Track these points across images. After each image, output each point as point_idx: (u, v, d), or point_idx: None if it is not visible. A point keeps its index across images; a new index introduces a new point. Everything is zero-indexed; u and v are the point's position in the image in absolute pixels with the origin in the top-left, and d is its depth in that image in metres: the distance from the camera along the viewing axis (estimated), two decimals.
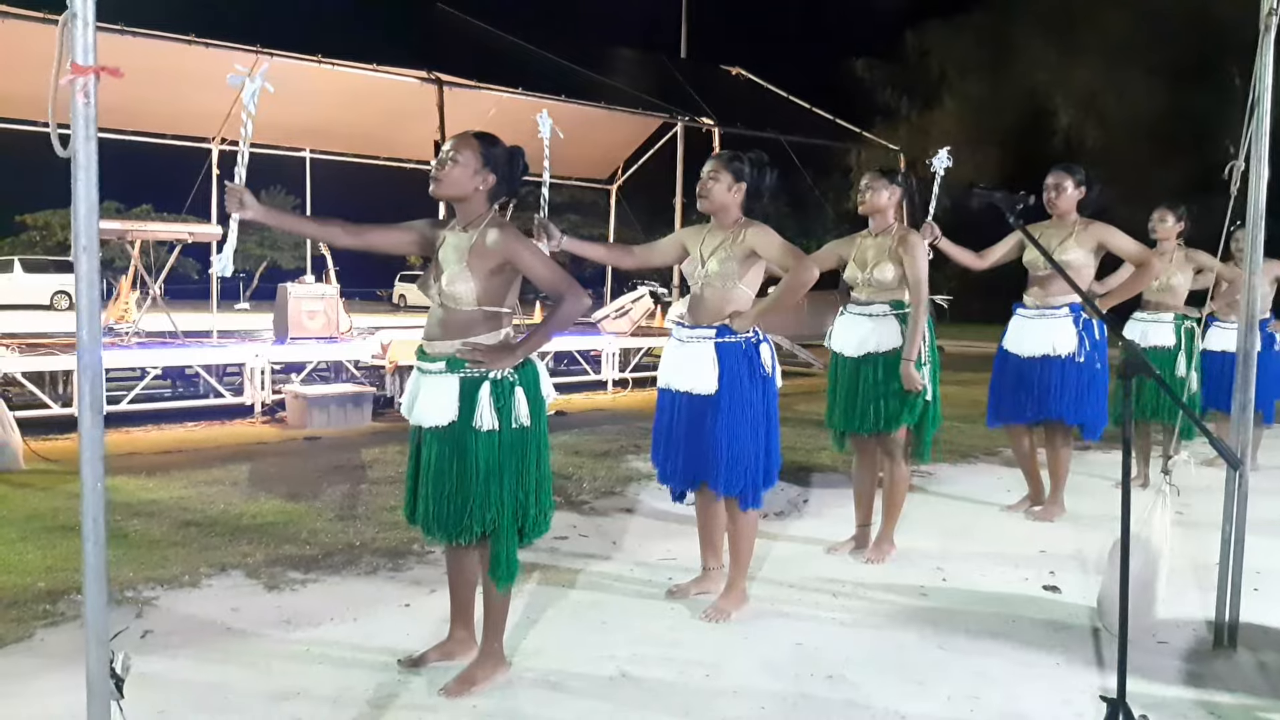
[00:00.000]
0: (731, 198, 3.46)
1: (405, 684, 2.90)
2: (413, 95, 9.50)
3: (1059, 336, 4.74)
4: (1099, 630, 3.45)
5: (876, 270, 4.17)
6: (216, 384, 8.09)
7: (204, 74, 8.92)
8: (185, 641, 3.22)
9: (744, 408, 3.40)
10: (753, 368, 3.43)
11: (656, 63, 14.64)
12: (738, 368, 3.40)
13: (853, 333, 4.22)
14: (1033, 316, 4.85)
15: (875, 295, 4.18)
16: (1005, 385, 4.97)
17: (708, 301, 3.48)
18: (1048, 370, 4.76)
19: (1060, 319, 4.76)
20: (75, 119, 1.40)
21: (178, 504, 5.03)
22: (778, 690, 2.92)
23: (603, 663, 3.09)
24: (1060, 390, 4.75)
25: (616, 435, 7.35)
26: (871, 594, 3.82)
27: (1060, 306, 4.77)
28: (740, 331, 3.42)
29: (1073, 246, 4.67)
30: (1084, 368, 4.73)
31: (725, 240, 3.46)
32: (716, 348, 3.40)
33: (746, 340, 3.43)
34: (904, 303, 4.13)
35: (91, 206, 1.42)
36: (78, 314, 1.42)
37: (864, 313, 4.21)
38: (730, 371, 3.39)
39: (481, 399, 2.70)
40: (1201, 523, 4.36)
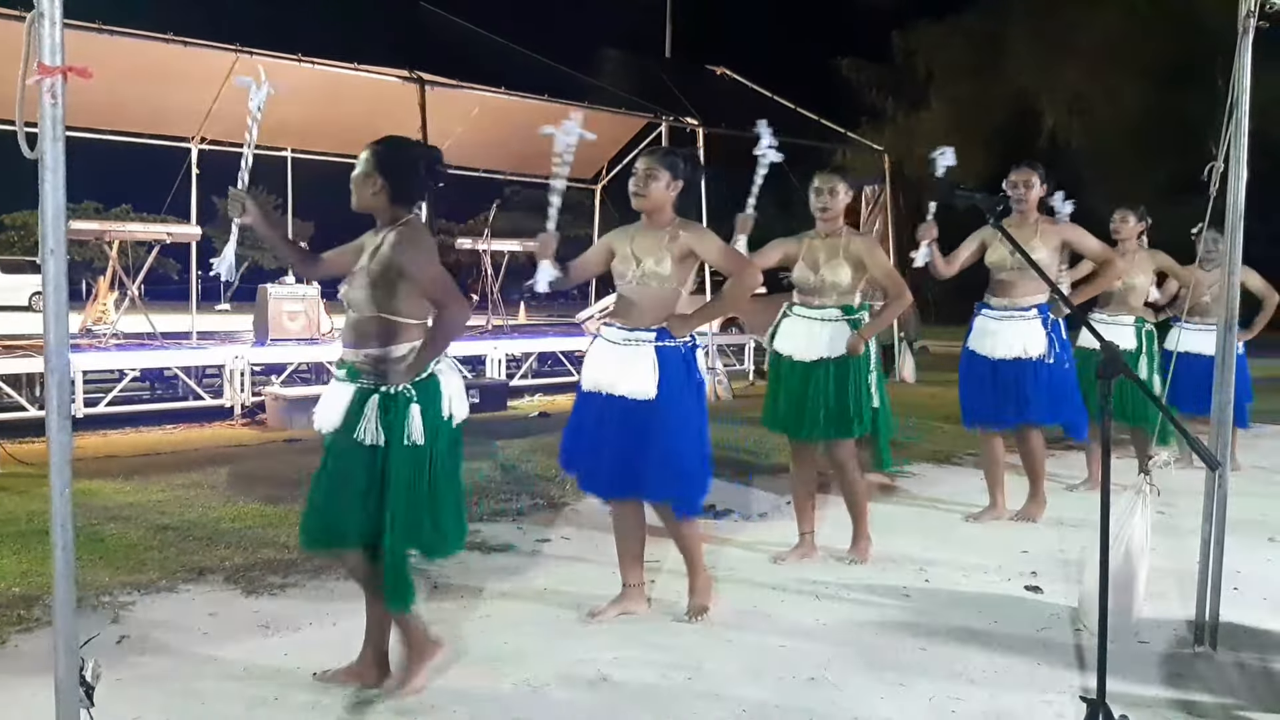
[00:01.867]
0: (669, 195, 3.35)
1: (384, 690, 2.87)
2: (394, 94, 9.44)
3: (1030, 338, 4.65)
4: (1080, 630, 3.45)
5: (829, 272, 4.06)
6: (196, 386, 8.02)
7: (183, 73, 8.87)
8: (161, 647, 3.18)
9: (684, 414, 3.30)
10: (690, 373, 3.33)
11: (641, 62, 14.64)
12: (677, 373, 3.29)
13: (803, 336, 4.10)
14: (1000, 318, 4.75)
15: (827, 298, 4.08)
16: (978, 388, 4.86)
17: (643, 303, 3.36)
18: (1022, 373, 4.67)
19: (1029, 320, 4.67)
20: (43, 119, 1.37)
21: (155, 508, 4.98)
22: (759, 693, 2.91)
23: (584, 666, 3.07)
24: (1036, 393, 4.66)
25: None
26: (854, 596, 3.82)
27: (1029, 308, 4.68)
28: (679, 336, 3.32)
29: (1039, 246, 4.56)
30: (1055, 368, 4.66)
31: (661, 240, 3.33)
32: (657, 352, 3.28)
33: (685, 345, 3.34)
34: (854, 307, 4.06)
35: (59, 208, 1.39)
36: (45, 317, 1.39)
37: (816, 316, 4.09)
38: (670, 377, 3.27)
39: (367, 412, 2.62)
40: (1183, 523, 4.39)
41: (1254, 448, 7.08)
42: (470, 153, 11.58)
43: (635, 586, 3.56)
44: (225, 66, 8.88)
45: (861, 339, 3.99)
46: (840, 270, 4.04)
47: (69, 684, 1.55)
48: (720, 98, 14.03)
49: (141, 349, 8.18)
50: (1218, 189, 3.35)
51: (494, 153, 11.75)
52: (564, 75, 11.55)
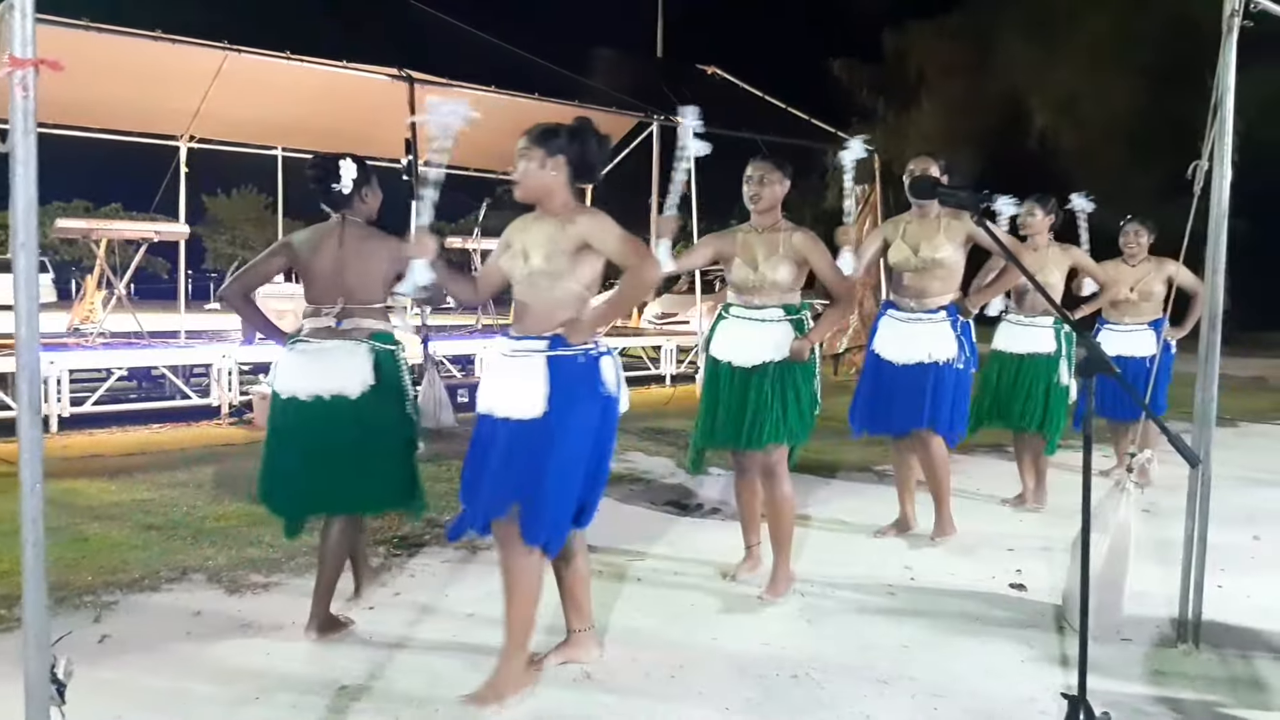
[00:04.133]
0: (550, 177, 2.85)
1: (366, 689, 2.86)
2: (384, 93, 9.40)
3: (936, 342, 4.33)
4: (1064, 628, 3.46)
5: (770, 269, 3.73)
6: (183, 385, 7.99)
7: (172, 71, 8.83)
8: (144, 646, 3.17)
9: (579, 436, 2.77)
10: (592, 386, 2.81)
11: (632, 61, 14.63)
12: (573, 387, 2.77)
13: (742, 339, 3.75)
14: (907, 320, 4.43)
15: (768, 298, 3.75)
16: (874, 393, 4.51)
17: (534, 305, 2.87)
18: (923, 378, 4.33)
19: (937, 323, 4.36)
20: (14, 113, 1.36)
21: (140, 507, 4.96)
22: (743, 691, 2.91)
23: (566, 665, 3.06)
24: (933, 400, 4.32)
25: None
26: (839, 593, 3.82)
27: (937, 310, 4.37)
28: (577, 342, 2.80)
29: (944, 243, 4.30)
30: (961, 375, 4.38)
31: (551, 231, 2.84)
32: (548, 363, 2.78)
33: (585, 353, 2.81)
34: (796, 306, 3.75)
35: (30, 203, 1.38)
36: (16, 313, 1.38)
37: (756, 317, 3.75)
38: (563, 391, 2.76)
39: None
40: (1168, 521, 4.41)
41: (1238, 446, 7.13)
42: (461, 152, 11.41)
43: (581, 632, 3.12)
44: (214, 65, 8.86)
45: (807, 343, 3.66)
46: (781, 267, 3.71)
47: (38, 681, 1.54)
48: (711, 97, 14.04)
49: (129, 348, 8.15)
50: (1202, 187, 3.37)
51: (484, 152, 11.69)
52: (555, 74, 11.53)
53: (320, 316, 3.32)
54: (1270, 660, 3.20)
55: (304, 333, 3.33)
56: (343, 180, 3.33)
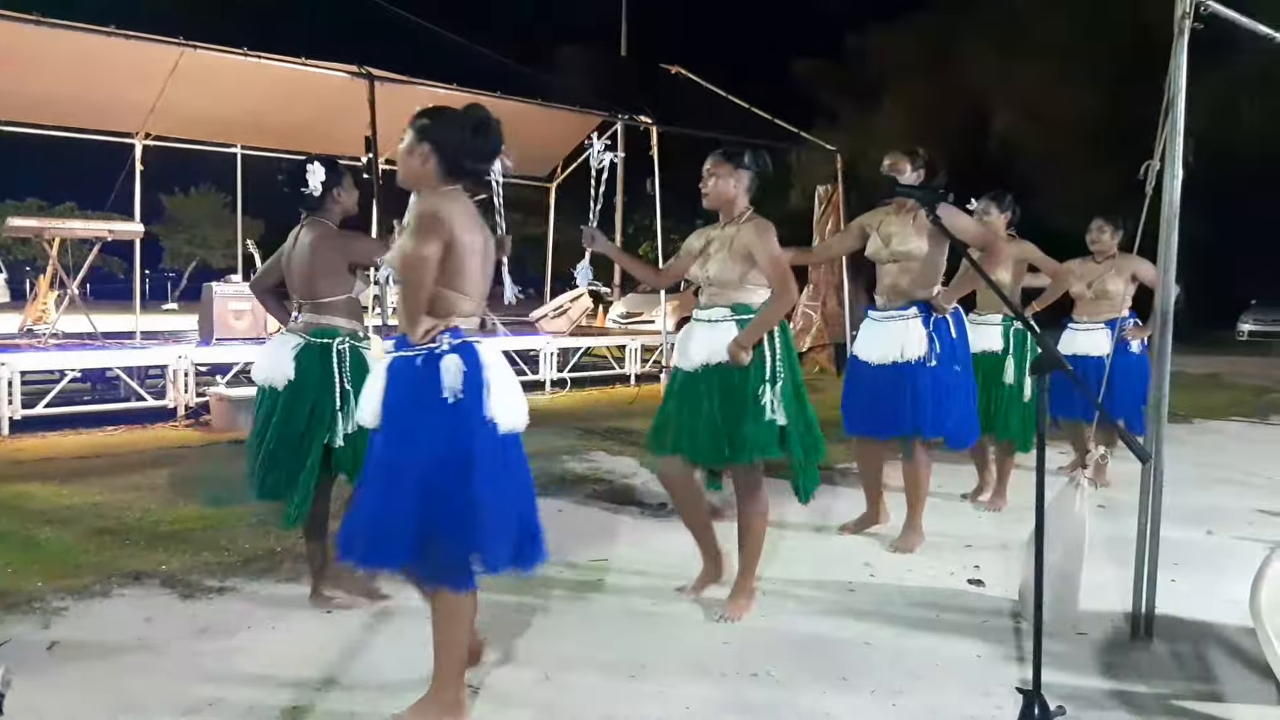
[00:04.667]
0: (420, 165, 2.59)
1: (323, 695, 2.82)
2: (344, 90, 9.30)
3: (907, 340, 4.23)
4: (1021, 623, 3.50)
5: (714, 265, 3.51)
6: (138, 387, 7.84)
7: (127, 67, 8.68)
8: (95, 653, 3.10)
9: (400, 447, 2.48)
10: (425, 392, 2.46)
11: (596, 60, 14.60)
12: (401, 393, 2.51)
13: (690, 342, 3.54)
14: (881, 320, 4.36)
15: (714, 297, 3.52)
16: (857, 395, 4.44)
17: (402, 303, 2.58)
18: (900, 379, 4.23)
19: (908, 320, 4.27)
20: None
21: (93, 511, 4.86)
22: (704, 690, 2.90)
23: (527, 666, 3.05)
24: (918, 401, 4.20)
25: (551, 436, 7.29)
26: (799, 591, 3.83)
27: (908, 306, 4.28)
28: (419, 340, 2.51)
29: (913, 236, 4.24)
30: (939, 373, 4.23)
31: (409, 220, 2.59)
32: (390, 366, 2.56)
33: (426, 353, 2.49)
34: (750, 306, 3.46)
35: None
36: None
37: (702, 318, 3.55)
38: (400, 397, 2.52)
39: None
40: (1123, 516, 4.47)
41: (1192, 442, 7.25)
42: None
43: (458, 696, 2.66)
44: (170, 60, 8.71)
45: (741, 346, 3.37)
46: (725, 265, 3.47)
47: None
48: (675, 97, 14.06)
49: (82, 349, 7.98)
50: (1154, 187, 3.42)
51: None
52: (518, 72, 11.48)
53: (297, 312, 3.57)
54: (1222, 653, 3.25)
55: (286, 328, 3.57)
56: (310, 184, 3.44)
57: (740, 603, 3.55)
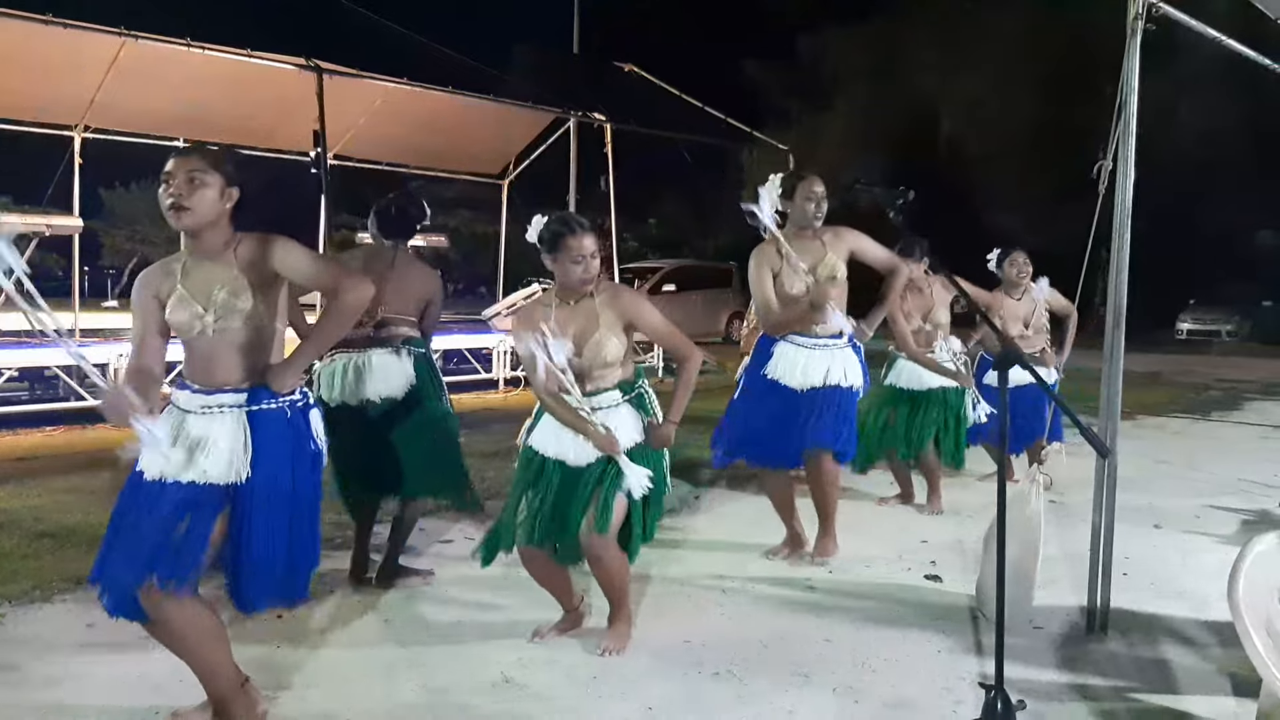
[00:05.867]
0: (221, 206, 2.50)
1: (274, 700, 2.74)
2: (291, 83, 9.12)
3: (848, 367, 4.09)
4: (978, 618, 3.53)
5: (593, 348, 3.08)
6: (78, 386, 7.61)
7: (65, 57, 8.41)
8: (34, 660, 3.00)
9: (282, 497, 2.46)
10: (298, 443, 2.50)
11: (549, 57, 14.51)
12: (279, 445, 2.46)
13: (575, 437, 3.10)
14: (812, 346, 4.08)
15: (600, 383, 3.13)
16: (762, 418, 4.15)
17: (222, 353, 2.47)
18: (825, 400, 4.06)
19: (844, 349, 4.10)
20: None
21: (31, 514, 4.70)
22: (666, 689, 2.88)
23: (487, 668, 3.00)
24: (830, 418, 4.06)
25: (506, 435, 7.18)
26: (759, 589, 3.83)
27: (840, 335, 4.07)
28: (283, 390, 2.47)
29: (836, 261, 4.01)
30: (853, 396, 4.16)
31: (226, 265, 2.48)
32: (250, 419, 2.44)
33: (291, 404, 2.48)
34: (632, 382, 3.19)
35: None
36: None
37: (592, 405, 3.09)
38: (266, 450, 2.44)
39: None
40: (1074, 512, 4.53)
41: (1136, 437, 7.40)
42: (372, 146, 11.29)
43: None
44: (111, 51, 8.46)
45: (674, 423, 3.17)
46: (605, 342, 3.08)
47: None
48: (628, 95, 14.05)
49: (19, 348, 7.72)
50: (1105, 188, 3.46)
51: (397, 146, 11.50)
52: (470, 68, 11.35)
53: None
54: (1175, 645, 3.31)
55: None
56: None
57: (621, 637, 3.21)
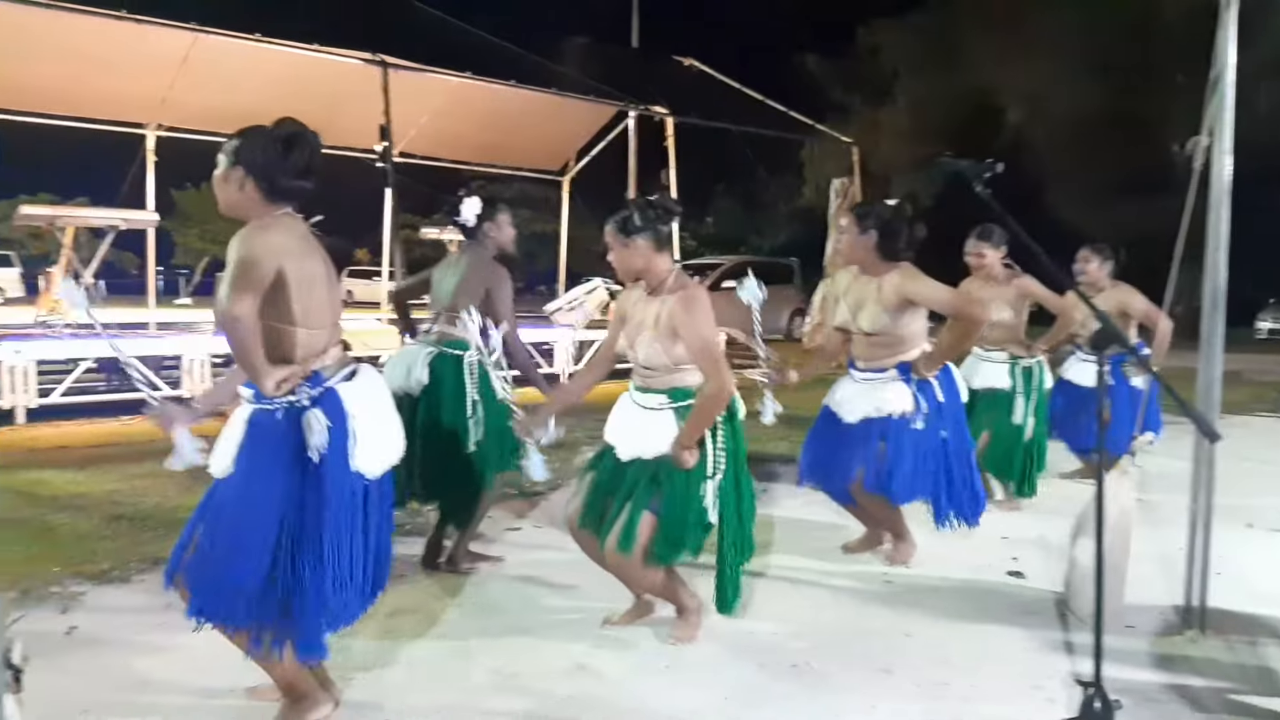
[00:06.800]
0: (230, 190, 2.40)
1: (349, 682, 2.73)
2: (357, 78, 9.21)
3: (893, 401, 3.78)
4: (1066, 615, 3.39)
5: (643, 345, 3.00)
6: (153, 376, 7.76)
7: (139, 54, 8.60)
8: (113, 638, 3.04)
9: (254, 505, 2.31)
10: (289, 450, 2.32)
11: (609, 52, 14.49)
12: (262, 449, 2.34)
13: (624, 429, 3.07)
14: (858, 380, 3.89)
15: (652, 382, 3.03)
16: (823, 450, 3.98)
17: (235, 350, 2.35)
18: (865, 435, 3.79)
19: (890, 383, 3.80)
20: None
21: (109, 498, 4.79)
22: (741, 679, 2.81)
23: (559, 654, 2.96)
24: (873, 455, 3.77)
25: (570, 427, 7.17)
26: (834, 582, 3.73)
27: (884, 370, 3.83)
28: (266, 393, 2.32)
29: (881, 313, 3.76)
30: (901, 430, 3.76)
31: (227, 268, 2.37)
32: (249, 417, 2.38)
33: (288, 406, 2.34)
34: (687, 391, 2.99)
35: None
36: None
37: (640, 402, 3.06)
38: (248, 450, 2.35)
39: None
40: (1157, 510, 4.35)
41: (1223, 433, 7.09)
42: (435, 142, 11.38)
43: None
44: (183, 48, 8.63)
45: (684, 447, 2.91)
46: (656, 346, 2.96)
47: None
48: (689, 88, 13.97)
49: (96, 339, 7.91)
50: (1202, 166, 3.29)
51: (459, 143, 11.57)
52: (532, 62, 11.38)
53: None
54: (1276, 646, 3.14)
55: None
56: (464, 214, 3.68)
57: (690, 620, 3.16)
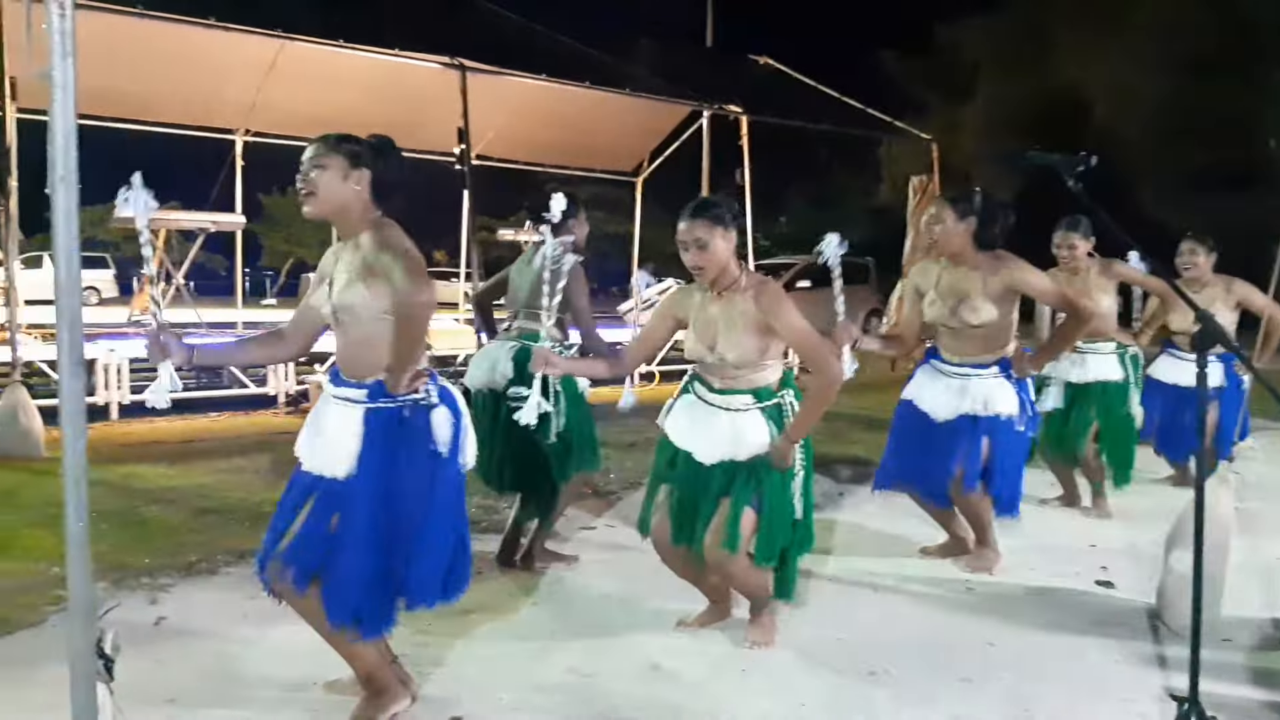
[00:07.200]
0: (348, 191, 2.44)
1: (426, 676, 2.76)
2: (435, 82, 9.32)
3: (993, 398, 3.66)
4: (1158, 627, 3.25)
5: (726, 345, 2.92)
6: (240, 374, 8.01)
7: (226, 60, 8.84)
8: (200, 629, 3.11)
9: (397, 502, 2.38)
10: (416, 447, 2.39)
11: (683, 51, 14.43)
12: (391, 444, 2.38)
13: (705, 432, 2.98)
14: (953, 373, 3.76)
15: (732, 382, 2.98)
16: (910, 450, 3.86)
17: (349, 345, 2.46)
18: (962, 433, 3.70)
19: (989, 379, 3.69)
20: (51, 35, 1.25)
21: (198, 491, 4.95)
22: (817, 687, 2.75)
23: (633, 655, 2.94)
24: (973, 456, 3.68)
25: (643, 427, 7.17)
26: (913, 588, 3.64)
27: (986, 365, 3.71)
28: (397, 391, 2.39)
29: (982, 304, 3.63)
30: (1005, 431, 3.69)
31: (351, 253, 2.47)
32: (365, 416, 2.40)
33: (413, 405, 2.41)
34: (770, 390, 2.96)
35: (69, 134, 1.27)
36: (55, 255, 1.28)
37: (719, 404, 2.98)
38: (379, 449, 2.37)
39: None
40: (1254, 521, 4.15)
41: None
42: (510, 145, 11.49)
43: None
44: (270, 55, 8.85)
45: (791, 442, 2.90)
46: (739, 341, 2.90)
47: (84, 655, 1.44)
48: (763, 87, 13.84)
49: (187, 337, 8.18)
50: None
51: (534, 145, 11.66)
52: (606, 63, 11.38)
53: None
54: None
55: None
56: (552, 210, 3.62)
57: (766, 629, 3.10)
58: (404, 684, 2.58)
